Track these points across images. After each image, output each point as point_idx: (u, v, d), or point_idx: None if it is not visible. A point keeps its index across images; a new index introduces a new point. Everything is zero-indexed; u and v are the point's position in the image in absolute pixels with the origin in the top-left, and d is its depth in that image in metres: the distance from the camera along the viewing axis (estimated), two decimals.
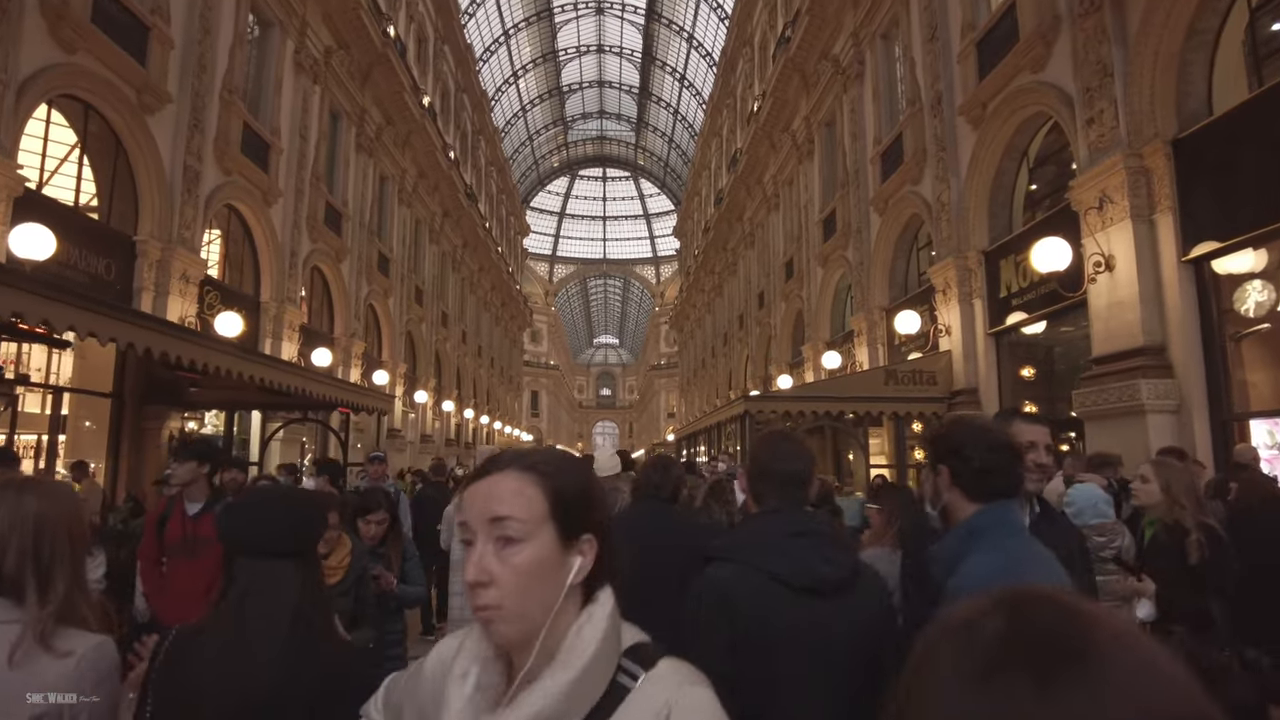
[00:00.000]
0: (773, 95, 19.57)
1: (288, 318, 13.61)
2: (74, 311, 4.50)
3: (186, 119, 10.57)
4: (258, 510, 1.63)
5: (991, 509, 1.67)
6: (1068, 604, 0.53)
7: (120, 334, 5.02)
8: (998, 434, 1.74)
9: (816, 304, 17.08)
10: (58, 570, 1.49)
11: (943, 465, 1.74)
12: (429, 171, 23.84)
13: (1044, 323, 9.55)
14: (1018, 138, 9.79)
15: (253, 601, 1.52)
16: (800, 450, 1.85)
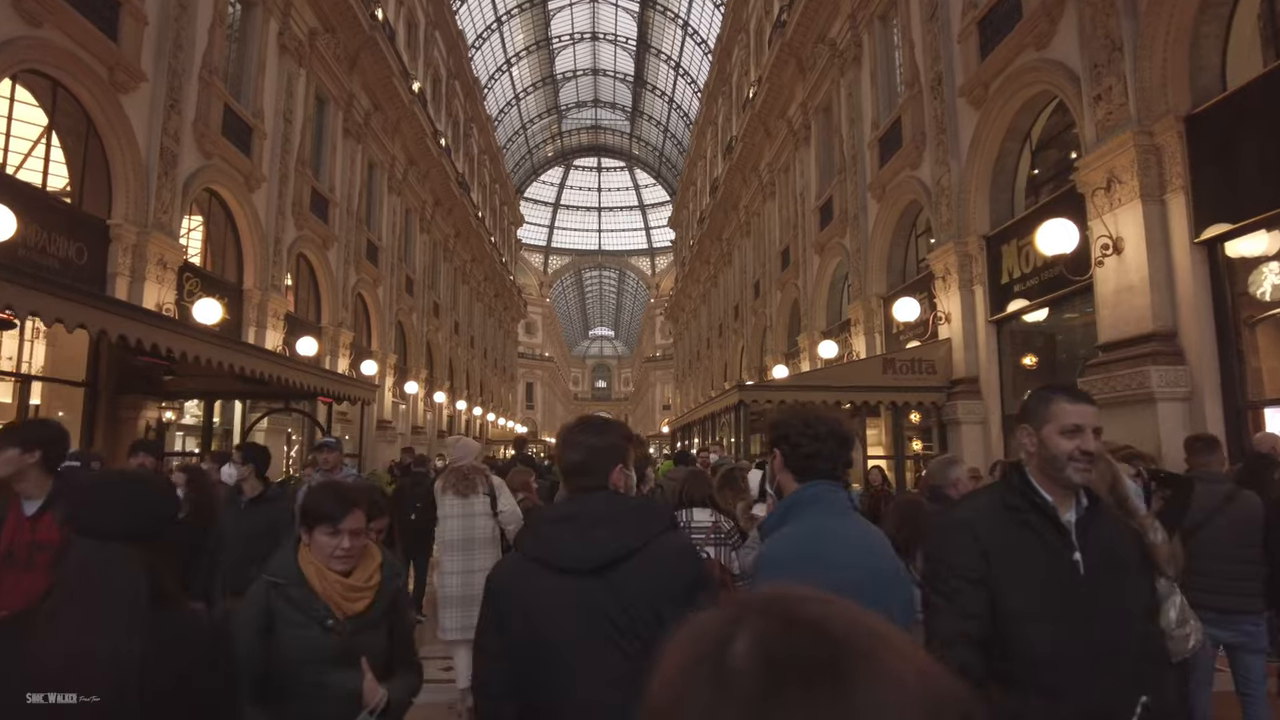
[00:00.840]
0: (768, 81, 19.24)
1: (272, 306, 13.28)
2: (35, 295, 4.23)
3: (163, 99, 10.21)
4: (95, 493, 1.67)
5: (808, 487, 1.84)
6: (839, 612, 0.52)
7: (89, 320, 4.75)
8: (824, 422, 1.90)
9: (813, 293, 16.81)
10: None
11: (776, 449, 1.93)
12: (419, 159, 23.46)
13: (1046, 310, 9.30)
14: (1020, 119, 9.51)
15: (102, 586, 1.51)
16: (578, 440, 1.94)
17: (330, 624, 2.11)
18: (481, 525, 4.94)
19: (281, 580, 2.13)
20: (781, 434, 1.92)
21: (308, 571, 2.14)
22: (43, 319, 4.20)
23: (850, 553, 1.75)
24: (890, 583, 1.78)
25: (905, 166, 12.16)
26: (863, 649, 0.49)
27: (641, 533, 1.79)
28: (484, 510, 4.96)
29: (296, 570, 2.15)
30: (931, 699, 0.48)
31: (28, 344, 9.72)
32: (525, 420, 57.25)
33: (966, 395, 10.01)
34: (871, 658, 0.48)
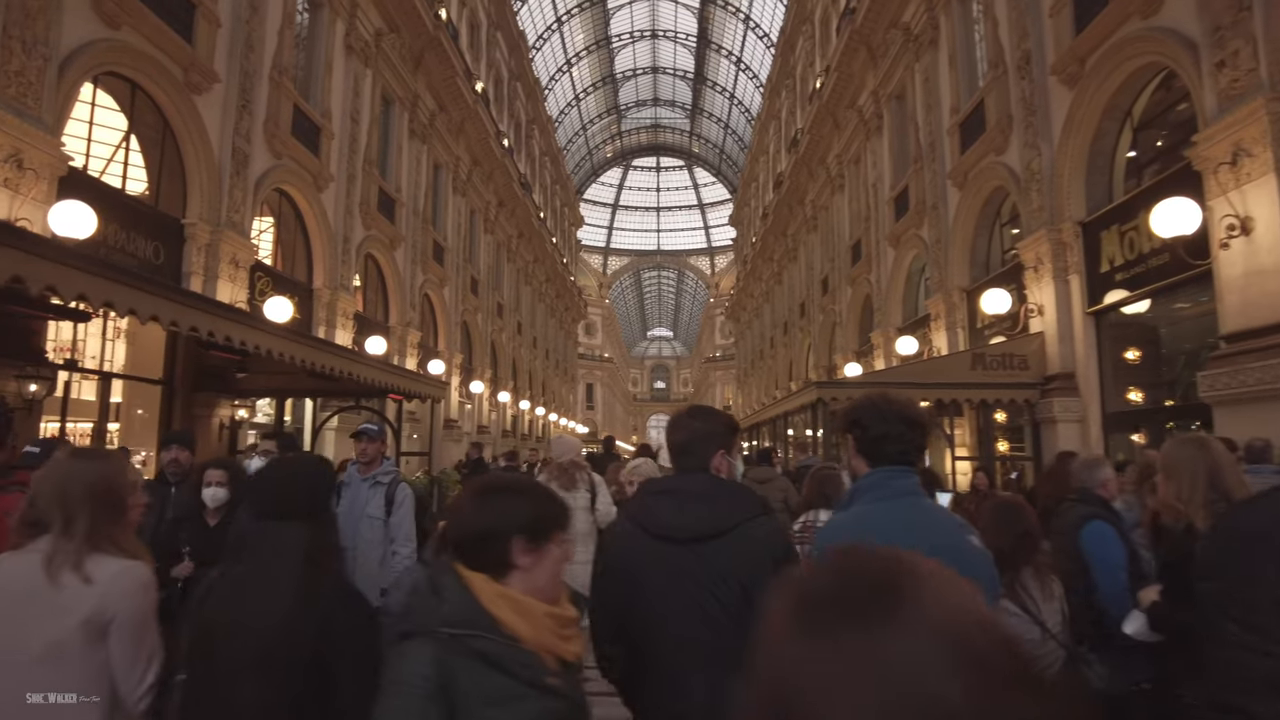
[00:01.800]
0: (837, 70, 18.65)
1: (341, 305, 13.36)
2: (111, 286, 4.11)
3: (235, 99, 10.30)
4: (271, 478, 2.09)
5: (876, 472, 1.89)
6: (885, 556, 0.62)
7: (161, 311, 4.63)
8: (894, 406, 1.91)
9: (887, 287, 16.19)
10: (78, 513, 1.87)
11: (848, 435, 1.99)
12: (483, 160, 23.53)
13: (1148, 300, 8.62)
14: (1120, 96, 8.85)
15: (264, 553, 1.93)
16: (684, 423, 2.12)
17: (551, 682, 1.39)
18: (581, 519, 5.01)
19: (469, 631, 1.34)
20: (853, 419, 1.97)
21: (500, 612, 1.37)
22: (116, 309, 4.07)
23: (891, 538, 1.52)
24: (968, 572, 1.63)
25: (989, 152, 11.52)
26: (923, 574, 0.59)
27: (732, 515, 1.92)
28: (584, 505, 5.10)
29: (484, 612, 1.37)
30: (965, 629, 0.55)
31: (109, 343, 9.91)
32: (585, 420, 57.32)
33: (1062, 392, 9.37)
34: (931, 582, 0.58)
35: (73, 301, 4.12)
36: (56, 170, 7.19)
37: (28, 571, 1.82)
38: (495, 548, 1.42)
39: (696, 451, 2.06)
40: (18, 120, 6.74)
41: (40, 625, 1.78)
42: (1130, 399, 9.08)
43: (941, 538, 1.78)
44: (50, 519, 1.87)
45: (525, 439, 31.47)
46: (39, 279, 3.44)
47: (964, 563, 1.69)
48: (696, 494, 1.97)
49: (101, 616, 1.81)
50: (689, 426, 2.10)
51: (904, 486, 1.86)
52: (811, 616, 0.58)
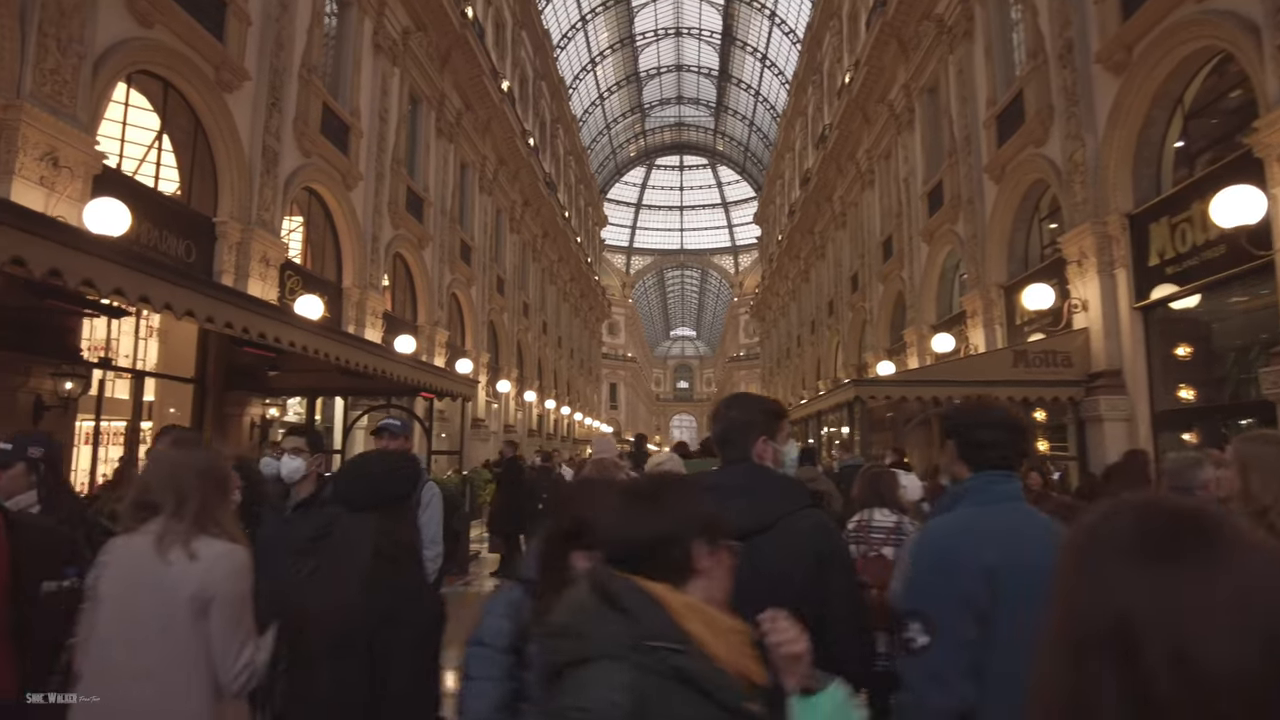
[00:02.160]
0: (867, 64, 18.37)
1: (370, 304, 13.34)
2: (148, 280, 4.04)
3: (265, 98, 10.29)
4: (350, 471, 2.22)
5: (978, 476, 1.88)
6: (1193, 506, 0.68)
7: (197, 306, 4.57)
8: (994, 412, 1.95)
9: (920, 284, 15.90)
10: (189, 497, 2.02)
11: (950, 440, 1.97)
12: (509, 159, 23.50)
13: (1201, 294, 8.32)
14: (1171, 83, 8.55)
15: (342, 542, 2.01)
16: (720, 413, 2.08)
17: (751, 709, 1.19)
18: None
19: (676, 646, 1.16)
20: (954, 425, 1.97)
21: (691, 625, 1.19)
22: (153, 304, 3.99)
23: (990, 544, 1.73)
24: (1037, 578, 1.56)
25: (1028, 144, 11.24)
26: (1234, 527, 0.65)
27: (776, 509, 1.88)
28: None
29: (678, 628, 1.18)
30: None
31: (142, 341, 9.93)
32: (609, 420, 57.25)
33: (1108, 390, 9.09)
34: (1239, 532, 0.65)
35: (109, 297, 4.05)
36: (91, 168, 7.18)
37: (141, 551, 2.00)
38: (675, 553, 1.25)
39: (737, 442, 2.01)
40: (53, 118, 6.73)
41: (152, 600, 1.95)
42: (1181, 397, 8.77)
43: (1043, 542, 1.68)
44: (163, 501, 2.05)
45: (550, 438, 31.43)
46: (76, 272, 3.36)
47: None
48: (737, 488, 1.88)
49: (205, 593, 1.96)
50: (726, 416, 2.06)
51: (1005, 491, 1.86)
52: (1156, 546, 0.63)
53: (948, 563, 1.72)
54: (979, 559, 1.68)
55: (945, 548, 1.77)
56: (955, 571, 1.69)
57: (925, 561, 1.80)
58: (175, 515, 2.03)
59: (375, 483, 2.10)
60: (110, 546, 2.08)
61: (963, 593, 1.66)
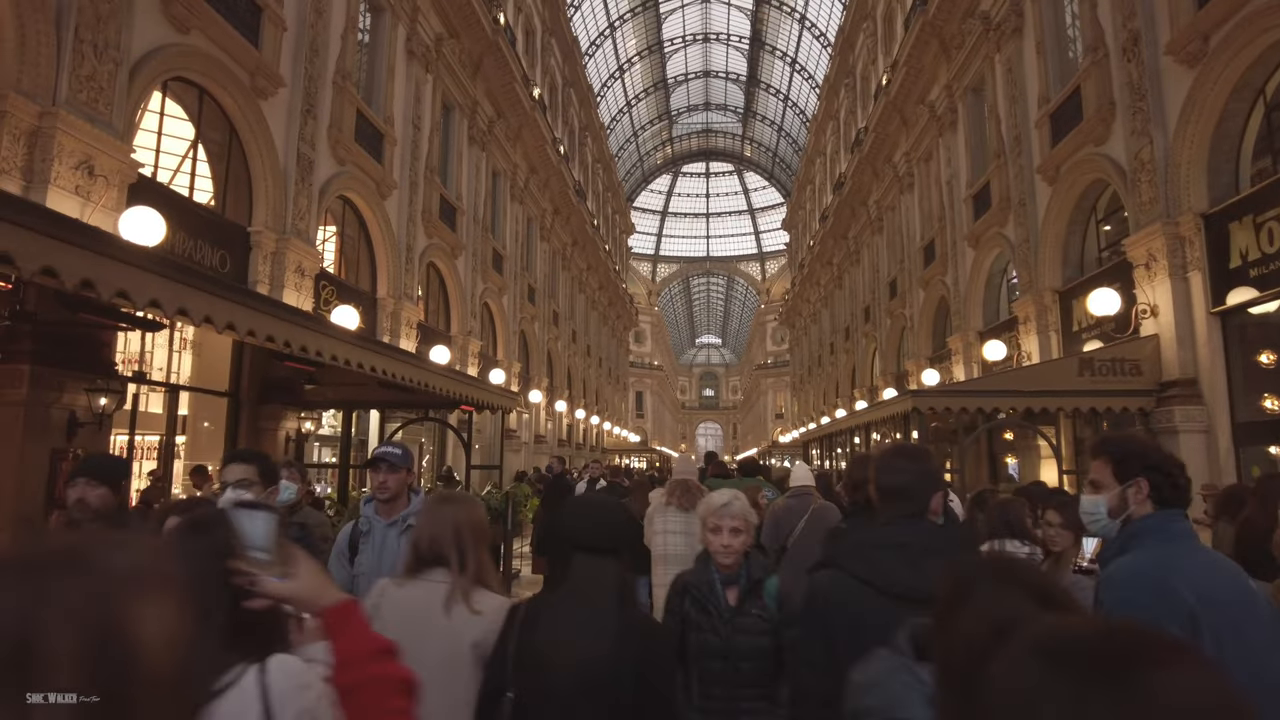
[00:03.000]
0: (906, 65, 17.92)
1: (405, 315, 13.12)
2: (186, 291, 3.76)
3: (300, 104, 10.10)
4: (590, 516, 2.21)
5: (1156, 515, 1.85)
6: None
7: (238, 318, 4.29)
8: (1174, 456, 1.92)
9: (966, 289, 15.39)
10: (469, 552, 2.23)
11: (1141, 479, 1.86)
12: (539, 167, 23.31)
13: None
14: (1252, 73, 8.05)
15: (586, 585, 2.05)
16: (898, 465, 1.98)
17: None
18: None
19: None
20: (1152, 464, 1.88)
21: None
22: (191, 317, 3.71)
23: (1188, 584, 1.70)
24: (1258, 611, 1.73)
25: (1086, 143, 10.75)
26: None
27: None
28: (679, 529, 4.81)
29: None
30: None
31: (176, 354, 9.76)
32: (636, 429, 56.90)
33: (1183, 400, 8.57)
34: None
35: (144, 309, 3.78)
36: (127, 177, 6.98)
37: (425, 597, 2.17)
38: None
39: (917, 495, 1.93)
40: (89, 125, 6.53)
41: (439, 648, 2.08)
42: (1266, 408, 8.23)
43: (1234, 578, 1.79)
44: (447, 556, 2.22)
45: (580, 448, 31.14)
46: (110, 283, 3.07)
47: (1259, 609, 1.75)
48: (930, 547, 1.82)
49: (486, 642, 2.09)
50: (906, 469, 1.97)
51: (1182, 529, 1.85)
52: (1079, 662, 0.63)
53: (1149, 600, 1.71)
54: (1180, 598, 1.68)
55: (1141, 585, 1.74)
56: (1156, 616, 1.66)
57: (1123, 603, 1.75)
58: (460, 571, 2.20)
59: (617, 530, 2.14)
60: (383, 590, 2.25)
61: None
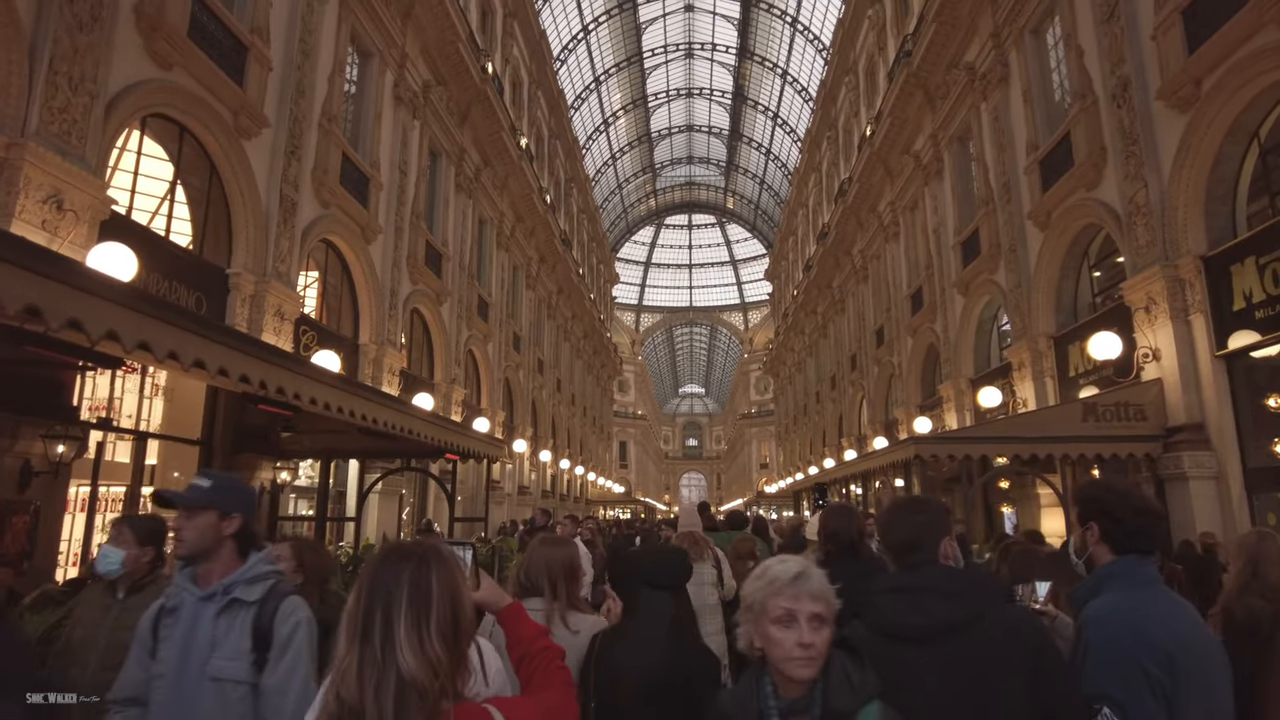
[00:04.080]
0: (890, 115, 18.10)
1: (388, 361, 12.75)
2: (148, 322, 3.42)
3: (284, 146, 9.88)
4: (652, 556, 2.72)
5: (1124, 560, 1.94)
6: None
7: (208, 355, 3.94)
8: (1143, 499, 2.01)
9: (957, 337, 15.27)
10: (559, 583, 2.64)
11: (1094, 523, 2.00)
12: (526, 215, 23.25)
13: None
14: (1247, 116, 8.04)
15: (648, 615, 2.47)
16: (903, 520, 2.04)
17: None
18: (709, 593, 4.73)
19: None
20: (1103, 509, 1.98)
21: None
22: (154, 352, 3.36)
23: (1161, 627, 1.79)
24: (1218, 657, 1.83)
25: (1078, 188, 10.74)
26: None
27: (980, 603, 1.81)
28: (712, 580, 4.86)
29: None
30: None
31: (146, 400, 9.31)
32: (620, 479, 56.16)
33: (1191, 445, 8.36)
34: None
35: (100, 341, 3.43)
36: (99, 213, 6.67)
37: None
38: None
39: (925, 545, 1.97)
40: (60, 158, 6.24)
41: None
42: (1278, 452, 8.02)
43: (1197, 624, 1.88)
44: (540, 586, 2.63)
45: (564, 499, 30.51)
46: (59, 311, 2.74)
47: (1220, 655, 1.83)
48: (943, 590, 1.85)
49: (577, 657, 2.36)
50: (911, 523, 2.02)
51: (1151, 575, 1.93)
52: None
53: (1128, 642, 1.77)
54: (1157, 642, 1.75)
55: (1120, 629, 1.81)
56: (1137, 655, 1.74)
57: (1107, 646, 1.80)
58: (553, 597, 2.62)
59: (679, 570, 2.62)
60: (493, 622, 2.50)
61: (1148, 675, 1.72)
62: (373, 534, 11.15)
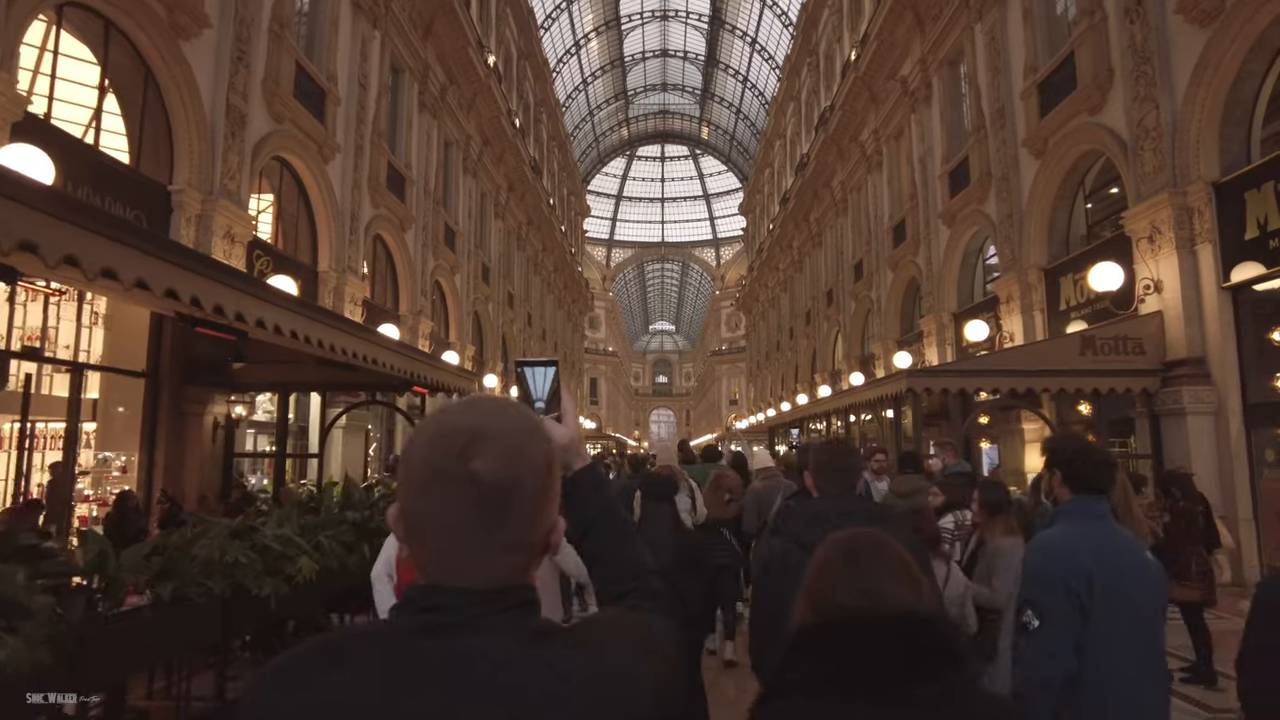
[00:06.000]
0: (877, 39, 17.30)
1: (349, 289, 12.04)
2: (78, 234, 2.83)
3: (230, 50, 8.96)
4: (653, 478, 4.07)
5: (1079, 499, 2.30)
6: None
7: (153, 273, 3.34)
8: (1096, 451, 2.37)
9: (940, 269, 14.88)
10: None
11: (1056, 469, 2.38)
12: (494, 140, 22.18)
13: None
14: (1274, 30, 7.53)
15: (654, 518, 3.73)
16: (849, 451, 2.73)
17: None
18: (684, 517, 5.00)
19: None
20: (1064, 459, 2.36)
21: None
22: (83, 268, 2.75)
23: (1088, 553, 2.15)
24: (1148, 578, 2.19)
25: (1080, 111, 10.23)
26: None
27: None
28: (686, 508, 5.34)
29: None
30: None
31: (85, 330, 8.58)
32: (591, 416, 55.99)
33: (1191, 380, 8.09)
34: None
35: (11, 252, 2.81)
36: (8, 113, 5.87)
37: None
38: None
39: (844, 480, 2.50)
40: None
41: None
42: (1279, 387, 7.78)
43: (1132, 552, 2.23)
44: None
45: None
46: None
47: (1151, 574, 2.21)
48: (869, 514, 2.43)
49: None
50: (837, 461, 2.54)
51: (1099, 510, 2.28)
52: None
53: (1056, 564, 2.17)
54: (1080, 564, 2.13)
55: (1053, 552, 2.21)
56: (1061, 571, 2.14)
57: (1038, 563, 2.23)
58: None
59: (669, 486, 3.84)
60: None
61: (1067, 587, 2.11)
62: (336, 471, 10.64)
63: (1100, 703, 2.09)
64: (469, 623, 0.76)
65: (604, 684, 0.76)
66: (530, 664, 0.75)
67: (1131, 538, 2.31)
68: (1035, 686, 2.12)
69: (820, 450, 2.60)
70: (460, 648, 0.74)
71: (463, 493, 0.76)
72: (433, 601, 0.77)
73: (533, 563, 0.82)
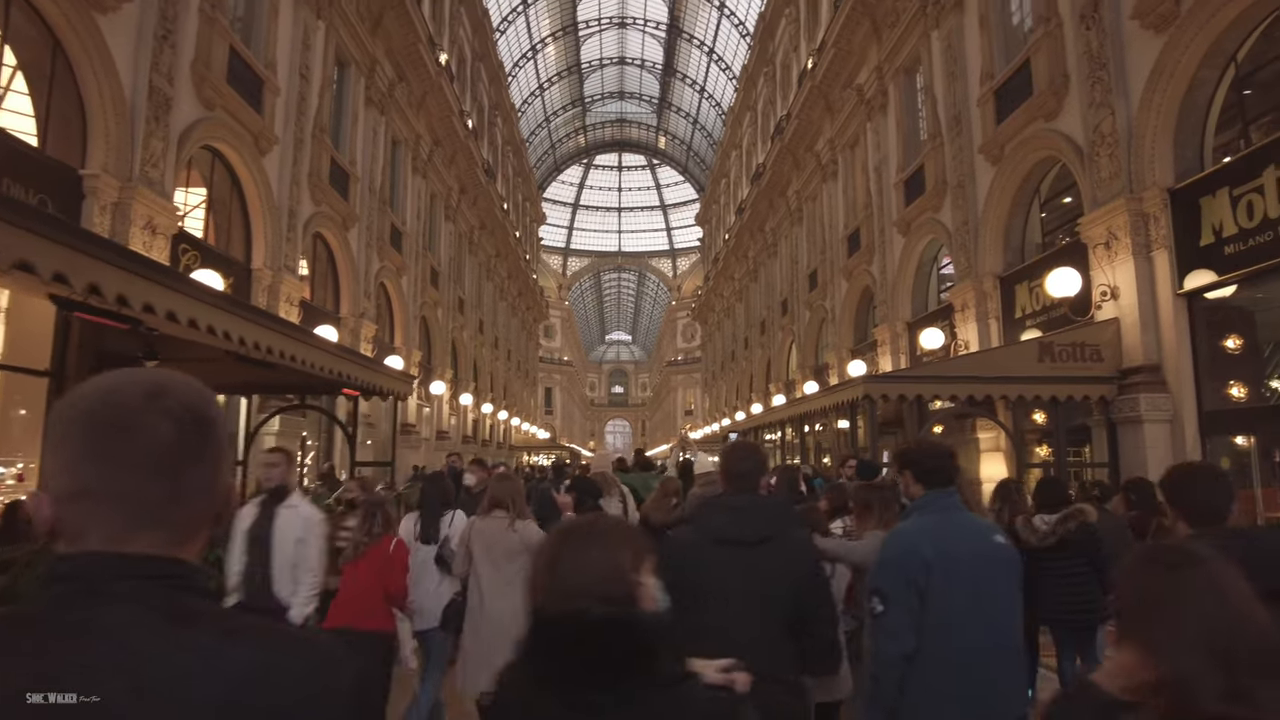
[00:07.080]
0: (834, 46, 17.26)
1: (285, 289, 11.44)
2: None
3: (153, 27, 8.39)
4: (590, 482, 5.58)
5: (928, 494, 2.58)
6: None
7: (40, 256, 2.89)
8: (939, 449, 2.71)
9: (895, 278, 14.79)
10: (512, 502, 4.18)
11: (906, 470, 2.68)
12: (445, 140, 21.64)
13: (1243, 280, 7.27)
14: (1228, 36, 7.50)
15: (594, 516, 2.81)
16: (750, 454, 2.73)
17: None
18: None
19: None
20: (911, 460, 2.68)
21: None
22: None
23: (928, 542, 2.42)
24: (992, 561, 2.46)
25: (1037, 118, 10.18)
26: None
27: (777, 524, 2.51)
28: (618, 511, 5.66)
29: None
30: None
31: None
32: (545, 425, 55.37)
33: (1148, 387, 7.99)
34: None
35: None
36: None
37: (497, 525, 4.11)
38: None
39: (751, 479, 2.61)
40: None
41: (506, 544, 4.04)
42: (1233, 395, 7.72)
43: (977, 539, 2.51)
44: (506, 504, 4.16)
45: (486, 444, 29.51)
46: None
47: (996, 557, 2.47)
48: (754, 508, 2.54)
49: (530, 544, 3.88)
50: (746, 463, 2.66)
51: (950, 503, 2.56)
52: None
53: (899, 554, 2.45)
54: (920, 553, 2.40)
55: (898, 544, 2.49)
56: (902, 561, 2.41)
57: (885, 555, 2.51)
58: (516, 513, 4.15)
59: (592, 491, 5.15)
60: (473, 523, 4.24)
61: (908, 576, 2.38)
62: None
63: (940, 677, 2.32)
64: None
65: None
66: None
67: (984, 525, 2.64)
68: (882, 665, 2.37)
69: (725, 453, 2.80)
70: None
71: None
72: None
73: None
